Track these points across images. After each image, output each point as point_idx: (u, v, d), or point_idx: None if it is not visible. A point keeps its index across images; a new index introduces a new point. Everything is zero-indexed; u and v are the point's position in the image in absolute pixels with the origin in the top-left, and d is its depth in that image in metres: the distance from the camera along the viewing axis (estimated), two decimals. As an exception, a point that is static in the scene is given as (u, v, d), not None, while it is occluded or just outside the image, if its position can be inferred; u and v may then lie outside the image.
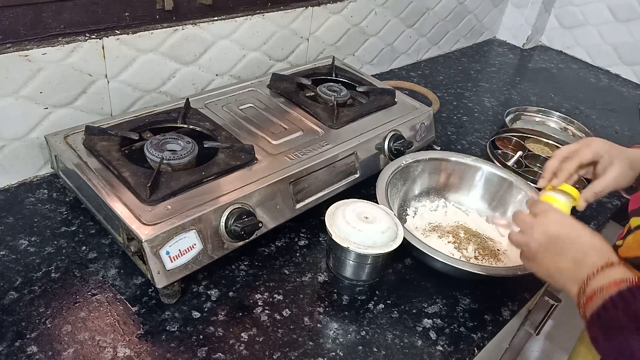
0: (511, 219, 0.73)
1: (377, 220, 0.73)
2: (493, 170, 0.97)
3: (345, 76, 1.14)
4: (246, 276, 0.77)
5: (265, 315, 0.72)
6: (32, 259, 0.75)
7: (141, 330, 0.67)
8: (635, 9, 1.67)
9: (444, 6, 1.57)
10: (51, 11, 0.81)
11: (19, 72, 0.80)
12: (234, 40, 1.06)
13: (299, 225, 0.87)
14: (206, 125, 0.87)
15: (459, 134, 1.26)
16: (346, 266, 0.73)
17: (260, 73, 1.15)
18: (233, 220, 0.72)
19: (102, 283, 0.73)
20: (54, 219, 0.82)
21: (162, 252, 0.66)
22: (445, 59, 1.69)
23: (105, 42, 0.87)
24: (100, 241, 0.79)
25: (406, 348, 0.70)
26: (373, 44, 1.41)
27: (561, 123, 1.36)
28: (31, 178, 0.89)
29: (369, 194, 0.94)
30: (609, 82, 1.73)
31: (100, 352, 0.64)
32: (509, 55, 1.82)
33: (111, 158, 0.76)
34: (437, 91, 1.43)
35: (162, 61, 0.97)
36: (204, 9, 0.99)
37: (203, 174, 0.75)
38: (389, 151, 0.97)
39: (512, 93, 1.54)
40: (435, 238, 0.90)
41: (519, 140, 1.18)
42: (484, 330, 0.75)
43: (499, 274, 0.77)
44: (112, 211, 0.69)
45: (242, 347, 0.67)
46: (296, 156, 0.85)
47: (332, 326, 0.72)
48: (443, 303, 0.78)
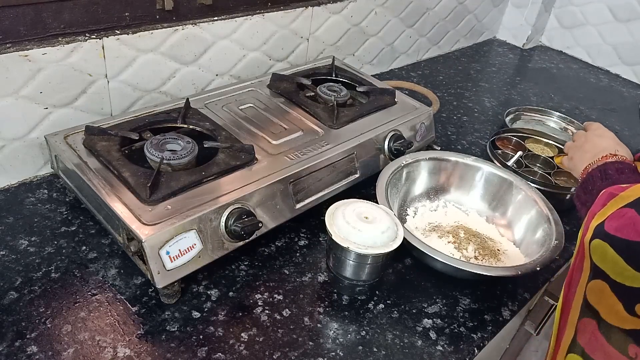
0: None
1: (377, 220, 0.73)
2: (493, 170, 0.97)
3: (345, 76, 1.14)
4: (246, 276, 0.77)
5: (265, 315, 0.72)
6: (32, 259, 0.75)
7: (141, 330, 0.67)
8: (635, 9, 1.67)
9: (444, 6, 1.57)
10: (51, 11, 0.81)
11: (19, 72, 0.80)
12: (234, 40, 1.06)
13: (299, 225, 0.87)
14: (206, 125, 0.87)
15: (459, 134, 1.26)
16: (346, 266, 0.73)
17: (260, 73, 1.15)
18: (233, 220, 0.72)
19: (102, 283, 0.73)
20: (54, 219, 0.82)
21: (162, 252, 0.66)
22: (445, 59, 1.69)
23: (105, 42, 0.87)
24: (100, 241, 0.79)
25: (406, 348, 0.70)
26: (373, 44, 1.41)
27: (561, 123, 1.35)
28: (31, 178, 0.89)
29: (369, 194, 0.94)
30: (609, 82, 1.73)
31: (100, 352, 0.64)
32: (509, 55, 1.82)
33: (111, 158, 0.76)
34: (437, 91, 1.43)
35: (162, 61, 0.97)
36: (204, 9, 0.99)
37: (203, 174, 0.75)
38: (389, 151, 0.97)
39: (512, 93, 1.54)
40: (435, 238, 0.90)
41: (519, 140, 1.18)
42: (484, 330, 0.75)
43: (499, 274, 0.77)
44: (112, 211, 0.69)
45: (242, 347, 0.67)
46: (296, 156, 0.85)
47: (332, 326, 0.72)
48: (443, 303, 0.78)
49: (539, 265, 0.76)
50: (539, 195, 0.91)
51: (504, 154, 1.13)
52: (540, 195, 0.91)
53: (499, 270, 0.78)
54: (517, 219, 0.93)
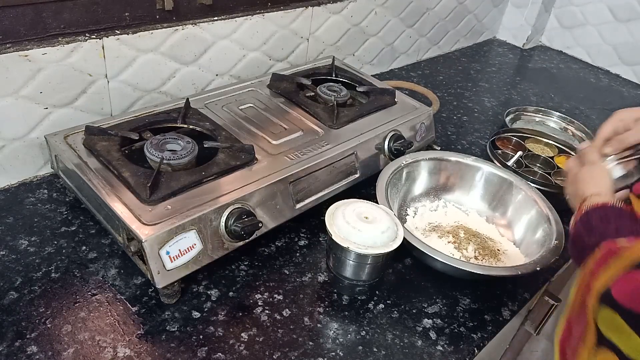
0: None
1: (377, 220, 0.73)
2: (493, 170, 0.97)
3: (345, 76, 1.14)
4: (246, 276, 0.77)
5: (265, 315, 0.72)
6: (32, 259, 0.75)
7: (141, 330, 0.67)
8: (635, 9, 1.67)
9: (444, 6, 1.57)
10: (51, 11, 0.81)
11: (19, 72, 0.80)
12: (234, 40, 1.06)
13: (299, 225, 0.87)
14: (206, 125, 0.87)
15: (459, 134, 1.26)
16: (346, 266, 0.73)
17: (260, 73, 1.15)
18: (233, 220, 0.72)
19: (102, 283, 0.73)
20: (54, 219, 0.82)
21: (162, 252, 0.66)
22: (445, 59, 1.69)
23: (105, 42, 0.87)
24: (100, 241, 0.79)
25: (406, 348, 0.70)
26: (373, 44, 1.41)
27: (561, 123, 1.35)
28: (31, 178, 0.89)
29: (369, 194, 0.94)
30: (609, 82, 1.73)
31: (100, 352, 0.64)
32: (509, 55, 1.81)
33: (111, 158, 0.76)
34: (437, 91, 1.43)
35: (162, 61, 0.97)
36: (204, 9, 0.99)
37: (203, 174, 0.75)
38: (389, 151, 0.97)
39: (512, 93, 1.54)
40: (435, 238, 0.90)
41: (519, 140, 1.18)
42: (484, 330, 0.75)
43: (499, 274, 0.77)
44: (112, 211, 0.69)
45: (242, 347, 0.67)
46: (296, 156, 0.85)
47: (332, 326, 0.72)
48: (443, 303, 0.78)
49: (539, 265, 0.76)
50: (539, 195, 0.91)
51: (504, 154, 1.13)
52: (540, 195, 0.91)
53: (499, 270, 0.78)
54: (517, 219, 0.93)
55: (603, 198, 0.67)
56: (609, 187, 0.70)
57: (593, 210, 0.65)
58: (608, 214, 0.64)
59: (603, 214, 0.64)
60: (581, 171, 0.75)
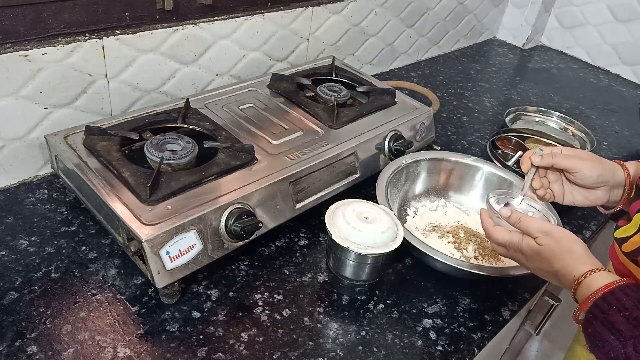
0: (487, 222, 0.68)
1: (377, 220, 0.73)
2: (493, 170, 0.97)
3: (345, 76, 1.14)
4: (246, 276, 0.77)
5: (265, 315, 0.72)
6: (32, 259, 0.75)
7: (141, 330, 0.67)
8: (635, 9, 1.67)
9: (444, 6, 1.57)
10: (51, 11, 0.81)
11: (19, 72, 0.80)
12: (234, 40, 1.06)
13: (299, 225, 0.87)
14: (206, 125, 0.87)
15: (459, 134, 1.26)
16: (346, 266, 0.73)
17: (260, 73, 1.15)
18: (233, 220, 0.72)
19: (102, 283, 0.73)
20: (54, 219, 0.82)
21: (162, 252, 0.66)
22: (445, 59, 1.69)
23: (105, 42, 0.87)
24: (100, 241, 0.79)
25: (406, 348, 0.70)
26: (373, 44, 1.41)
27: (561, 123, 1.35)
28: (31, 178, 0.89)
29: (369, 194, 0.94)
30: (609, 82, 1.73)
31: (100, 352, 0.64)
32: (509, 55, 1.82)
33: (111, 158, 0.76)
34: (437, 91, 1.43)
35: (162, 61, 0.97)
36: (204, 9, 0.99)
37: (203, 174, 0.75)
38: (389, 151, 0.97)
39: (512, 93, 1.54)
40: (435, 238, 0.90)
41: (519, 140, 1.18)
42: (484, 330, 0.75)
43: (499, 274, 0.77)
44: (112, 211, 0.69)
45: (242, 347, 0.67)
46: (296, 156, 0.85)
47: (332, 326, 0.72)
48: (443, 303, 0.78)
49: (539, 265, 0.76)
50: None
51: (504, 154, 1.13)
52: (540, 195, 0.91)
53: (499, 270, 0.78)
54: (517, 219, 0.93)
55: (611, 276, 0.55)
56: (589, 252, 0.59)
57: (612, 295, 0.52)
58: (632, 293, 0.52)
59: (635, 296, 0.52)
60: (536, 245, 0.62)
